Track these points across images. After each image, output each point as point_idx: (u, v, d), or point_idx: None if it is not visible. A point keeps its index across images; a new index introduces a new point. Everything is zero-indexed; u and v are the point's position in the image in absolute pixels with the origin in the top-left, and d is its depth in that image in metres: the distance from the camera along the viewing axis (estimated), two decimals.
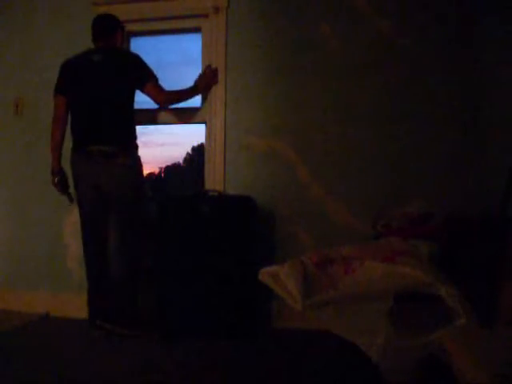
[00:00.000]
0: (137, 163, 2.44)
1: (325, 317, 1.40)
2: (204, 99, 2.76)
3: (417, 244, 1.66)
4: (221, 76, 2.70)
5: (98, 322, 2.34)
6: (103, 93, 2.36)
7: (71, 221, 2.82)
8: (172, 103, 2.63)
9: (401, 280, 1.35)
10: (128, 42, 2.96)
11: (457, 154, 2.48)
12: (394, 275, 1.36)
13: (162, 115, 2.79)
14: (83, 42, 2.85)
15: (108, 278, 2.38)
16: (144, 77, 2.43)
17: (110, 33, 2.51)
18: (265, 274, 1.52)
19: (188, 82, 2.68)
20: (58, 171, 2.47)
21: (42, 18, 2.93)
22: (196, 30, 2.84)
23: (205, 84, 2.67)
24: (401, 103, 2.55)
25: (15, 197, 2.94)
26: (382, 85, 2.57)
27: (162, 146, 2.49)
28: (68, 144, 2.46)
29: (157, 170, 4.01)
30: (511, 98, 2.40)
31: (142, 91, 2.46)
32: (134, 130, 2.47)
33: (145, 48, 2.95)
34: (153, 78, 2.45)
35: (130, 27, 2.87)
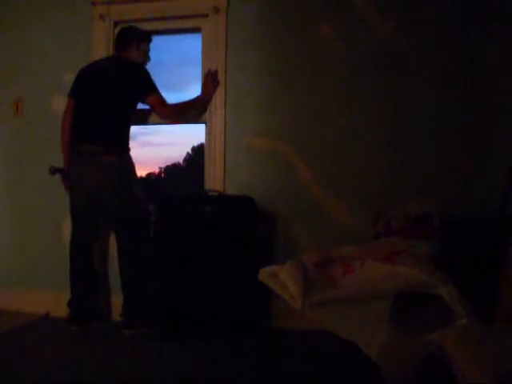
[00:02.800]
0: (122, 163, 2.45)
1: (325, 317, 1.39)
2: None
3: (417, 244, 1.66)
4: (221, 76, 2.70)
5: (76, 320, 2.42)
6: (102, 97, 2.43)
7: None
8: (178, 116, 2.63)
9: (401, 280, 1.35)
10: None
11: (457, 153, 2.48)
12: (394, 275, 1.36)
13: None
14: (83, 41, 2.86)
15: (91, 280, 2.51)
16: (145, 89, 2.46)
17: (124, 45, 2.57)
18: (265, 274, 1.52)
19: (188, 81, 2.68)
20: (59, 169, 2.53)
21: (41, 17, 2.92)
22: (196, 30, 2.83)
23: (210, 88, 2.67)
24: (401, 104, 2.55)
25: (15, 197, 2.94)
26: (383, 85, 2.57)
27: (162, 146, 2.49)
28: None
29: (157, 170, 4.01)
30: (511, 97, 2.40)
31: (144, 103, 2.50)
32: (126, 134, 2.51)
33: None
34: (155, 91, 2.47)
35: None
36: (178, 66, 2.58)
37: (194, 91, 2.77)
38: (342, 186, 2.58)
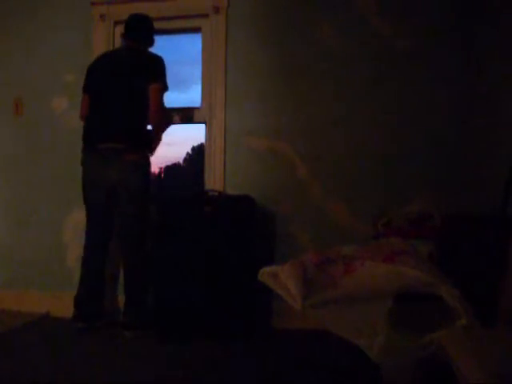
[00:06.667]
0: (145, 161, 2.43)
1: (325, 317, 1.39)
2: (204, 99, 2.77)
3: (417, 244, 1.66)
4: (221, 76, 2.70)
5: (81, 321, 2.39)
6: (118, 91, 2.36)
7: (71, 221, 2.83)
8: (160, 121, 2.45)
9: (401, 280, 1.35)
10: None
11: (457, 153, 2.48)
12: (394, 275, 1.36)
13: None
14: (83, 41, 2.87)
15: (102, 279, 2.46)
16: (154, 77, 2.36)
17: (143, 36, 2.52)
18: (265, 274, 1.52)
19: (188, 81, 2.68)
20: None
21: (41, 17, 2.93)
22: (196, 30, 2.84)
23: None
24: (401, 104, 2.55)
25: (15, 197, 2.94)
26: (382, 85, 2.57)
27: (161, 145, 2.49)
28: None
29: (157, 170, 4.00)
30: (511, 97, 2.40)
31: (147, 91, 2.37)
32: (146, 128, 2.44)
33: None
34: (161, 84, 2.37)
35: None
36: (178, 65, 2.58)
37: (194, 91, 2.78)
38: (341, 185, 2.58)
